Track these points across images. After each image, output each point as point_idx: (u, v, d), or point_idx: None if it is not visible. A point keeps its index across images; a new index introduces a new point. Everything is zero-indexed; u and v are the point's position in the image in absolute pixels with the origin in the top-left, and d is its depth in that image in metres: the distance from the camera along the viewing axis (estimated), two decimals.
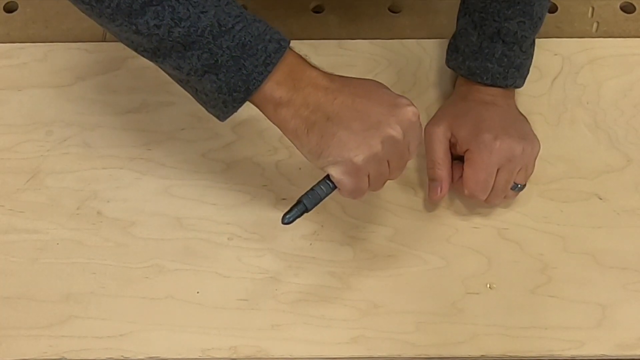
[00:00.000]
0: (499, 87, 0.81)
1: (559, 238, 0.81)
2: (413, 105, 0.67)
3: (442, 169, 0.80)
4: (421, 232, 0.81)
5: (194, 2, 0.62)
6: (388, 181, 0.69)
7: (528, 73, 0.83)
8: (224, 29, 0.63)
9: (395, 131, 0.65)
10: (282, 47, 0.65)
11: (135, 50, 0.66)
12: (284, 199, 0.83)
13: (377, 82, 0.69)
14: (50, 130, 0.87)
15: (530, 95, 0.89)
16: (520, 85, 0.83)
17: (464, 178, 0.78)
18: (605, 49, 0.93)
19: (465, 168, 0.78)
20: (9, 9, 0.98)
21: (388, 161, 0.67)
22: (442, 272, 0.80)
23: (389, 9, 0.98)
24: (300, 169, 0.85)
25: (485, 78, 0.81)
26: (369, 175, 0.67)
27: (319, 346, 0.76)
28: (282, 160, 0.85)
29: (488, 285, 0.79)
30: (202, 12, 0.62)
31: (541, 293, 0.78)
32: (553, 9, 0.97)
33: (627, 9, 0.98)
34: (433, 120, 0.82)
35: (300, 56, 0.67)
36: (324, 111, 0.65)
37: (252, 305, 0.78)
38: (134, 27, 0.62)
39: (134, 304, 0.78)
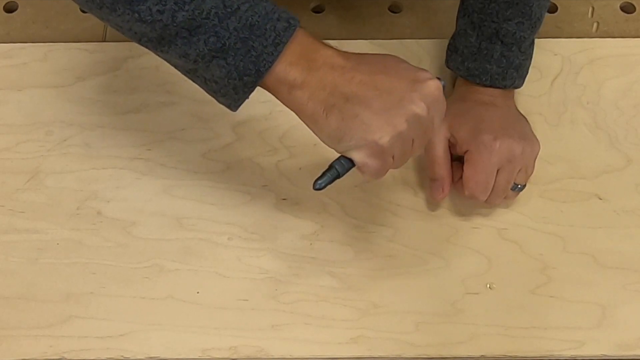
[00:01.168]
0: (498, 87, 0.81)
1: (559, 238, 0.81)
2: (435, 77, 0.65)
3: (443, 168, 0.80)
4: (421, 232, 0.81)
5: None
6: (388, 181, 0.69)
7: (527, 73, 0.83)
8: (229, 10, 0.61)
9: (419, 108, 0.62)
10: (291, 26, 0.62)
11: (139, 41, 0.64)
12: (284, 199, 0.83)
13: (394, 55, 0.66)
14: (50, 130, 0.87)
15: (530, 95, 0.89)
16: (519, 86, 0.83)
17: (464, 179, 0.78)
18: (605, 49, 0.93)
19: (465, 169, 0.78)
20: (9, 9, 0.98)
21: (412, 139, 0.64)
22: (442, 272, 0.80)
23: (389, 9, 0.98)
24: (300, 169, 0.85)
25: (484, 79, 0.81)
26: (393, 155, 0.64)
27: (319, 346, 0.76)
28: (282, 160, 0.85)
29: (488, 286, 0.79)
30: None
31: (541, 293, 0.78)
32: (553, 9, 0.97)
33: (627, 9, 0.98)
34: None
35: (313, 35, 0.64)
36: (343, 92, 0.62)
37: (252, 305, 0.78)
38: (136, 15, 0.60)
39: (134, 304, 0.78)
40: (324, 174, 0.65)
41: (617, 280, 0.79)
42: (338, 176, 0.65)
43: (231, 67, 0.62)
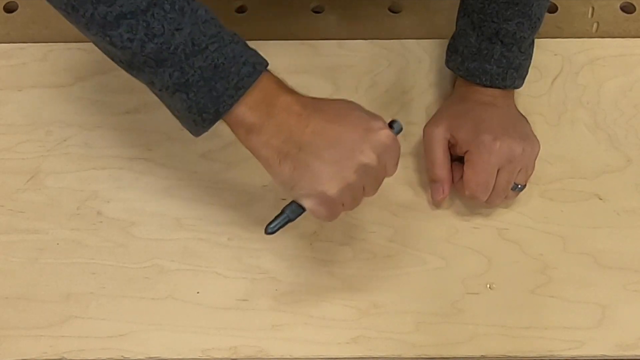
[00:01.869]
0: (498, 88, 0.81)
1: (559, 238, 0.81)
2: (387, 127, 0.66)
3: (442, 170, 0.80)
4: (421, 232, 0.81)
5: (170, 18, 0.61)
6: (388, 181, 0.69)
7: (527, 73, 0.83)
8: (197, 48, 0.62)
9: (369, 158, 0.64)
10: (256, 71, 0.64)
11: (112, 60, 0.65)
12: (283, 199, 0.83)
13: (351, 102, 0.68)
14: (50, 130, 0.87)
15: (530, 95, 0.89)
16: (519, 86, 0.83)
17: (465, 179, 0.78)
18: (605, 49, 0.93)
19: (466, 169, 0.78)
20: (9, 9, 0.98)
21: (363, 186, 0.67)
22: (442, 272, 0.80)
23: (389, 9, 0.98)
24: None
25: (484, 79, 0.81)
26: (343, 203, 0.66)
27: (319, 346, 0.76)
28: None
29: (488, 286, 0.79)
30: (176, 30, 0.61)
31: (541, 293, 0.78)
32: (553, 9, 0.97)
33: (627, 9, 0.97)
34: (432, 121, 0.82)
35: (277, 79, 0.66)
36: (296, 140, 0.64)
37: (252, 305, 0.78)
38: (107, 39, 0.61)
39: (134, 304, 0.78)
40: (276, 218, 0.69)
41: (617, 280, 0.79)
42: (289, 220, 0.69)
43: (192, 102, 0.63)
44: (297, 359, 0.76)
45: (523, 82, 0.83)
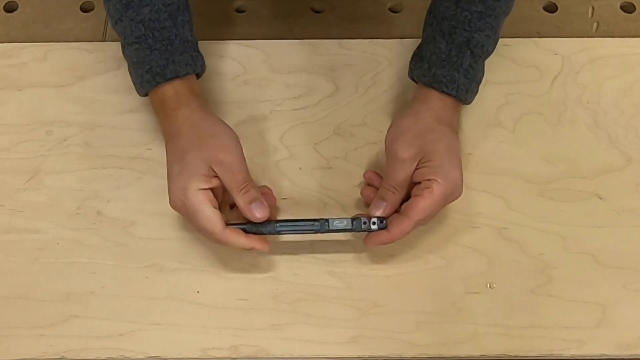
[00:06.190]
0: (460, 100, 0.79)
1: (559, 238, 0.81)
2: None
3: (397, 195, 0.76)
4: (421, 232, 0.81)
5: (116, 9, 0.77)
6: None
7: (477, 94, 0.81)
8: (126, 41, 0.78)
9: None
10: (153, 81, 0.76)
11: None
12: (284, 198, 0.83)
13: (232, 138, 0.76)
14: (50, 130, 0.87)
15: (530, 95, 0.89)
16: (470, 102, 0.81)
17: (419, 205, 0.73)
18: (605, 49, 0.93)
19: (425, 195, 0.73)
20: (9, 8, 0.98)
21: None
22: (442, 272, 0.80)
23: (389, 9, 0.98)
24: (300, 168, 0.85)
25: (450, 87, 0.78)
26: None
27: (319, 346, 0.76)
28: (282, 160, 0.85)
29: (488, 285, 0.79)
30: (119, 20, 0.77)
31: (541, 293, 0.78)
32: (553, 9, 0.97)
33: (627, 8, 0.98)
34: (401, 140, 0.76)
35: (179, 97, 0.77)
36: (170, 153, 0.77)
37: (252, 305, 0.78)
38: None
39: (134, 303, 0.78)
40: None
41: (617, 279, 0.79)
42: None
43: (132, 70, 0.80)
44: (297, 359, 0.76)
45: (472, 101, 0.81)
